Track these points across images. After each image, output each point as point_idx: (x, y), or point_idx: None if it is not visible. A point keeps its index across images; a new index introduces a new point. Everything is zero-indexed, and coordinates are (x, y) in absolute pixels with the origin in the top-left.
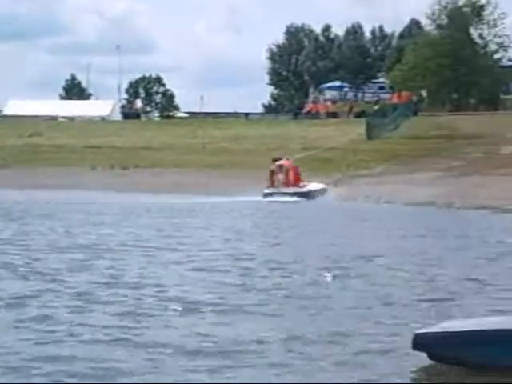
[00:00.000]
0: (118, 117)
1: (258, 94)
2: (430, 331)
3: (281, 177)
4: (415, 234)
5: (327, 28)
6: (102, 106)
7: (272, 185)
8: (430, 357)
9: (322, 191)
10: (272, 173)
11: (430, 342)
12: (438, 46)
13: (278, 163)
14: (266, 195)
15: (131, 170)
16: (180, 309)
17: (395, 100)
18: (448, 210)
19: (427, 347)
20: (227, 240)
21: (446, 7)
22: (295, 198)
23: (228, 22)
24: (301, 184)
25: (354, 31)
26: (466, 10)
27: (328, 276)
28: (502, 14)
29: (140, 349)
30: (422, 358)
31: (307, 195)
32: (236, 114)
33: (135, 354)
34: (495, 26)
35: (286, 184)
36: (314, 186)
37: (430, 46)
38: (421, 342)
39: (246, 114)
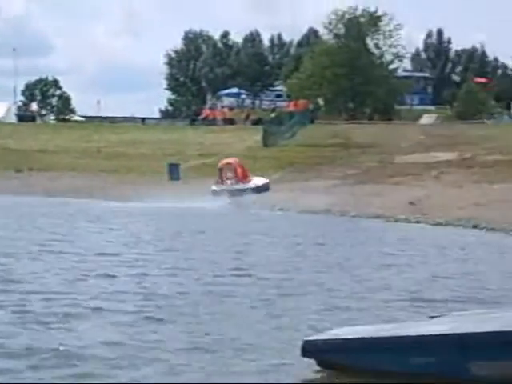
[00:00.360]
0: (12, 119)
1: (155, 99)
2: (319, 338)
3: (230, 174)
4: (290, 242)
5: (226, 35)
6: None
7: (221, 182)
8: (319, 363)
9: (267, 185)
10: (221, 171)
11: (319, 349)
12: (334, 55)
13: (225, 161)
14: (215, 192)
15: (25, 172)
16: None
17: (292, 108)
18: (342, 218)
19: (316, 354)
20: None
21: (342, 17)
22: (246, 193)
23: (126, 26)
24: (248, 179)
25: (253, 38)
26: (362, 20)
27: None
28: (398, 25)
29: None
30: (312, 365)
31: (256, 190)
32: (133, 119)
33: None
34: (391, 36)
35: (237, 180)
36: (259, 180)
37: (326, 55)
38: (310, 350)
39: (143, 119)
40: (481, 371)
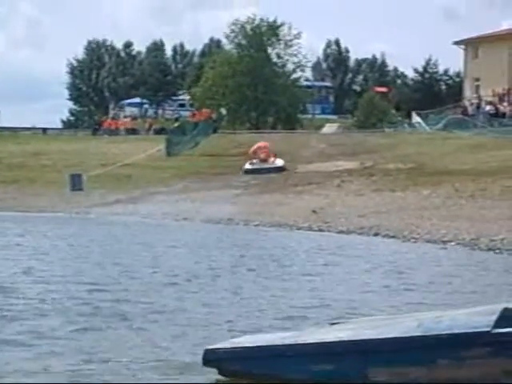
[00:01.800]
0: None
1: (57, 110)
2: (220, 347)
3: (262, 155)
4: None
5: (129, 44)
6: None
7: (253, 163)
8: (220, 372)
9: (284, 166)
10: (254, 152)
11: (219, 358)
12: (236, 64)
13: (257, 145)
14: (248, 171)
15: None
16: None
17: (195, 117)
18: (246, 228)
19: (217, 363)
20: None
21: (243, 27)
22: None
23: (28, 36)
24: (272, 160)
25: (156, 48)
26: (263, 29)
27: None
28: (297, 34)
29: None
30: (213, 374)
31: (279, 169)
32: (34, 129)
33: None
34: (291, 45)
35: (264, 160)
36: (279, 161)
37: (228, 65)
38: (211, 358)
39: (44, 130)
40: (381, 377)
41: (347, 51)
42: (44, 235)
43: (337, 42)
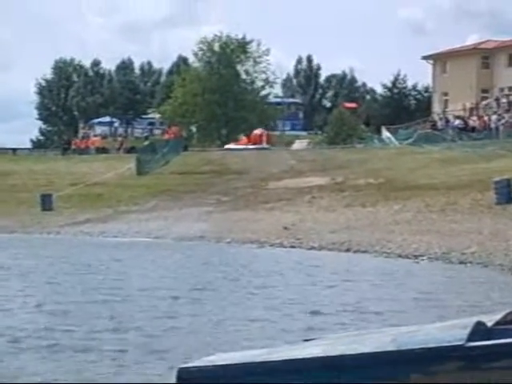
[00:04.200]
0: None
1: (26, 130)
2: (194, 365)
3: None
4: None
5: (97, 63)
6: None
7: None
8: None
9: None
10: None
11: (194, 376)
12: (205, 81)
13: (255, 131)
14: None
15: None
16: None
17: (165, 136)
18: (217, 245)
19: (191, 381)
20: None
21: (210, 44)
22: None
23: None
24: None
25: (125, 66)
26: (231, 46)
27: None
28: (266, 50)
29: None
30: None
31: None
32: (3, 150)
33: None
34: (260, 62)
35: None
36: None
37: (198, 82)
38: (184, 377)
39: (14, 150)
40: None
41: (318, 68)
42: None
43: (308, 58)
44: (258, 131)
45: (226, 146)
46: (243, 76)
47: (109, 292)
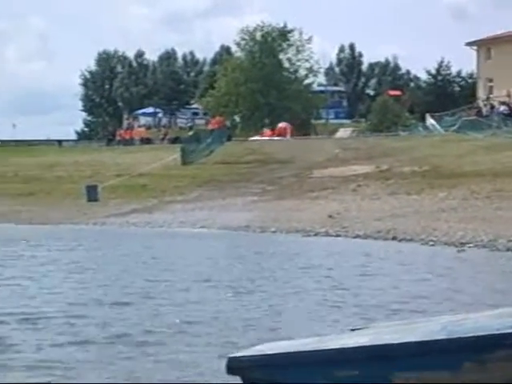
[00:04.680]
0: None
1: (71, 121)
2: (244, 355)
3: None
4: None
5: (140, 54)
6: None
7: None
8: (244, 380)
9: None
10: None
11: (243, 366)
12: (248, 71)
13: (280, 124)
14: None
15: None
16: None
17: (209, 126)
18: (263, 234)
19: (241, 371)
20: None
21: (253, 34)
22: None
23: (39, 49)
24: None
25: (168, 57)
26: (273, 35)
27: None
28: (308, 38)
29: None
30: (237, 382)
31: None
32: (49, 142)
33: None
34: (302, 50)
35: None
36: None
37: (240, 72)
38: (234, 366)
39: (60, 141)
40: (405, 382)
41: (360, 55)
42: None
43: (351, 47)
44: (282, 124)
45: (251, 139)
46: (286, 65)
47: (169, 284)
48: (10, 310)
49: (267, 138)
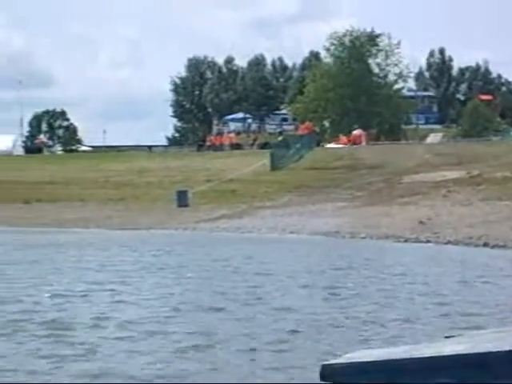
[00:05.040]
0: (19, 151)
1: (161, 127)
2: (338, 362)
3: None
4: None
5: (230, 60)
6: (2, 141)
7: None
8: None
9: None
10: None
11: (337, 373)
12: (336, 77)
13: (355, 132)
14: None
15: (34, 204)
16: None
17: (299, 131)
18: (353, 240)
19: (334, 378)
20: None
21: (342, 39)
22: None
23: (129, 55)
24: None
25: (257, 63)
26: (362, 40)
27: None
28: (397, 43)
29: None
30: None
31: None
32: (139, 147)
33: None
34: (392, 55)
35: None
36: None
37: (328, 78)
38: (328, 374)
39: (150, 147)
40: None
41: (451, 60)
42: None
43: (441, 51)
44: (357, 132)
45: (327, 146)
46: (375, 70)
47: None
48: (109, 314)
49: (342, 145)
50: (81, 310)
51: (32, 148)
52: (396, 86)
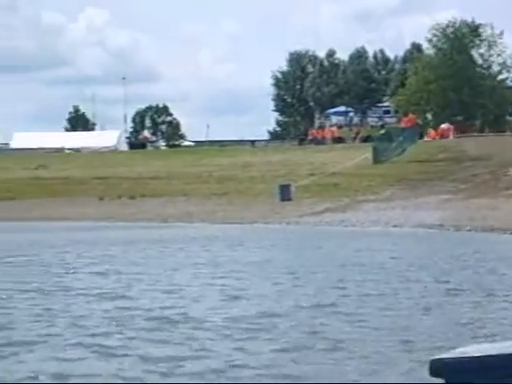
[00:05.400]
0: (123, 147)
1: (262, 121)
2: (447, 357)
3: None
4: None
5: (332, 53)
6: (107, 137)
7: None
8: (448, 383)
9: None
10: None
11: (447, 369)
12: (438, 68)
13: (442, 126)
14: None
15: (138, 199)
16: None
17: (401, 124)
18: (458, 233)
19: (444, 374)
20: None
21: (444, 30)
22: None
23: (231, 51)
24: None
25: (359, 55)
26: (464, 31)
27: None
28: (500, 33)
29: None
30: None
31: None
32: (242, 142)
33: None
34: (495, 45)
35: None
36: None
37: (430, 69)
38: (438, 369)
39: (253, 142)
40: None
41: None
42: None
43: None
44: (444, 125)
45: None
46: (479, 61)
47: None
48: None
49: (430, 139)
50: (193, 305)
51: (136, 144)
52: (500, 77)
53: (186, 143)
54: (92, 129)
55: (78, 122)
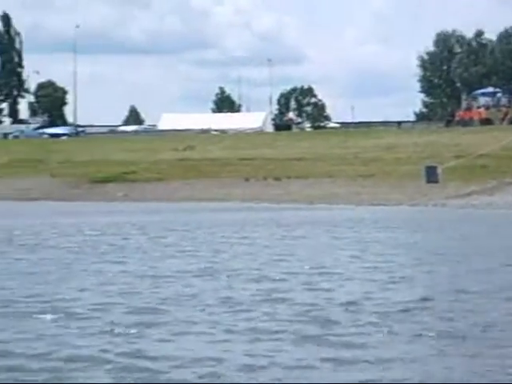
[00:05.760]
0: (269, 128)
1: (408, 102)
2: None
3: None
4: None
5: (480, 33)
6: (253, 118)
7: None
8: None
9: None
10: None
11: None
12: None
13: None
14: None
15: (284, 180)
16: None
17: None
18: None
19: None
20: None
21: None
22: None
23: (375, 32)
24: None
25: (507, 35)
26: None
27: None
28: None
29: None
30: None
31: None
32: (388, 123)
33: None
34: None
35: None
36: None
37: None
38: None
39: (399, 123)
40: None
41: None
42: None
43: None
44: None
45: None
46: None
47: None
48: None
49: None
50: (340, 289)
51: (281, 125)
52: None
53: (332, 125)
54: (238, 110)
55: (224, 103)
